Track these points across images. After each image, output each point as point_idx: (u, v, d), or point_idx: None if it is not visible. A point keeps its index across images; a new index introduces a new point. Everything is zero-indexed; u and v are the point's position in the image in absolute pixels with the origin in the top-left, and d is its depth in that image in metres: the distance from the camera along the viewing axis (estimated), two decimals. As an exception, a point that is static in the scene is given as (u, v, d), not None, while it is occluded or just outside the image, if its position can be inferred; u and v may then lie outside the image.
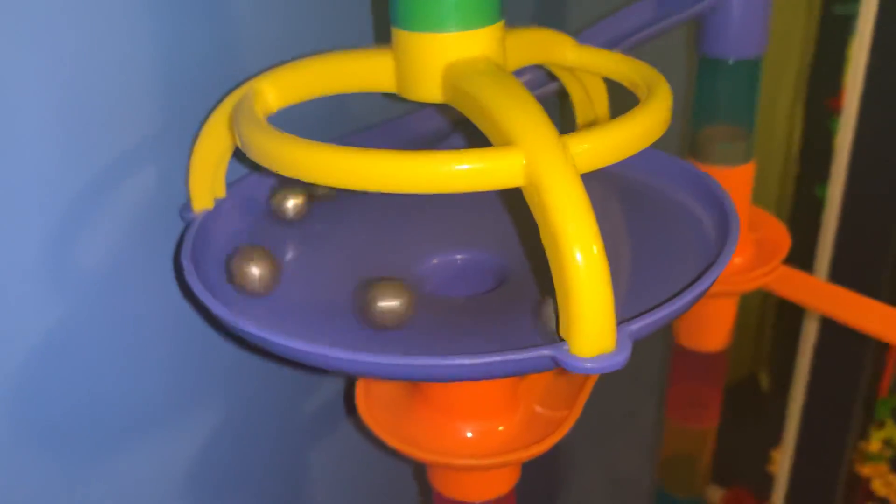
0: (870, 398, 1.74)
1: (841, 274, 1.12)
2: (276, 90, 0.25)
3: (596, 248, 0.20)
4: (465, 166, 0.20)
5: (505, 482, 0.31)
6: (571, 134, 0.21)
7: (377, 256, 0.28)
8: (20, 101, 0.23)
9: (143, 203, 0.28)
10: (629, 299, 0.24)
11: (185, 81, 0.27)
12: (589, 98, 0.32)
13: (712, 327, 0.46)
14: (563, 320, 0.21)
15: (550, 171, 0.20)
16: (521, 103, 0.21)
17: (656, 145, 0.31)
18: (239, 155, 0.27)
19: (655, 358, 0.63)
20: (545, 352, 0.20)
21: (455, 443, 0.28)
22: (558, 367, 0.21)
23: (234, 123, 0.24)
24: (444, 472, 0.30)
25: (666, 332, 0.49)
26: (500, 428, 0.29)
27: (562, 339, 0.21)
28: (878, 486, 1.66)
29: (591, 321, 0.20)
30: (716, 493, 2.21)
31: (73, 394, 0.28)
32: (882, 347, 1.71)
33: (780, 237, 0.45)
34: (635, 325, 0.21)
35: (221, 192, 0.29)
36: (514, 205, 0.31)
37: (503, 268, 0.28)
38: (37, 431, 0.27)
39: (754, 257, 0.45)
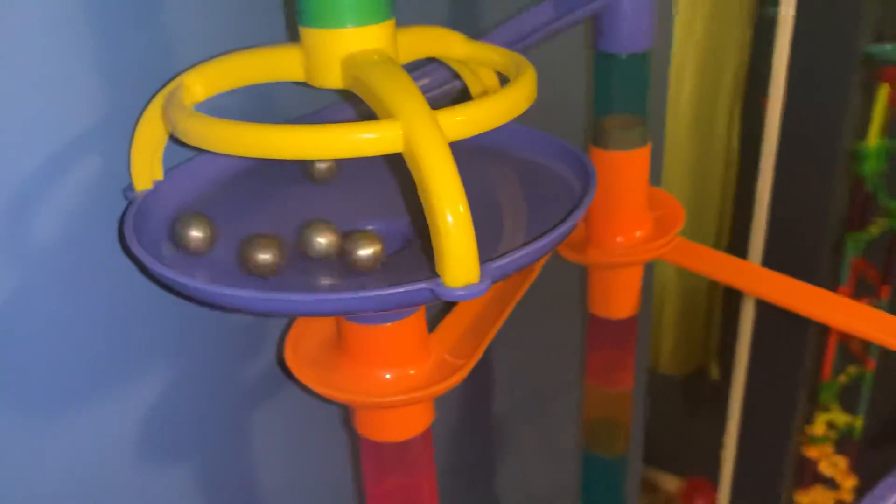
0: (813, 383, 1.82)
1: (772, 259, 1.19)
2: (202, 82, 0.30)
3: (461, 205, 0.24)
4: (357, 135, 0.25)
5: (419, 423, 0.35)
6: (444, 108, 0.26)
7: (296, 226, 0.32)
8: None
9: (91, 185, 0.32)
10: (506, 244, 0.29)
11: (125, 78, 0.31)
12: (485, 88, 0.37)
13: (621, 296, 0.51)
14: (437, 260, 0.25)
15: (423, 138, 0.25)
16: (402, 85, 0.26)
17: (560, 133, 0.36)
18: (177, 141, 0.32)
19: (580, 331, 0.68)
20: (424, 285, 0.25)
21: (373, 384, 0.33)
22: (438, 300, 0.25)
23: (164, 111, 0.28)
24: (365, 414, 0.35)
25: (585, 305, 0.54)
26: (412, 371, 0.33)
27: (438, 276, 0.25)
28: (825, 467, 1.74)
29: (458, 260, 0.24)
30: (674, 483, 2.28)
31: (27, 357, 0.32)
32: (823, 333, 1.79)
33: (676, 213, 0.51)
34: (495, 264, 0.26)
35: (159, 175, 0.33)
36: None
37: (410, 233, 0.32)
38: (14, 373, 0.31)
39: (654, 231, 0.50)
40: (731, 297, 1.56)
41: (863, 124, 1.46)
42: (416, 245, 0.32)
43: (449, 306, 0.39)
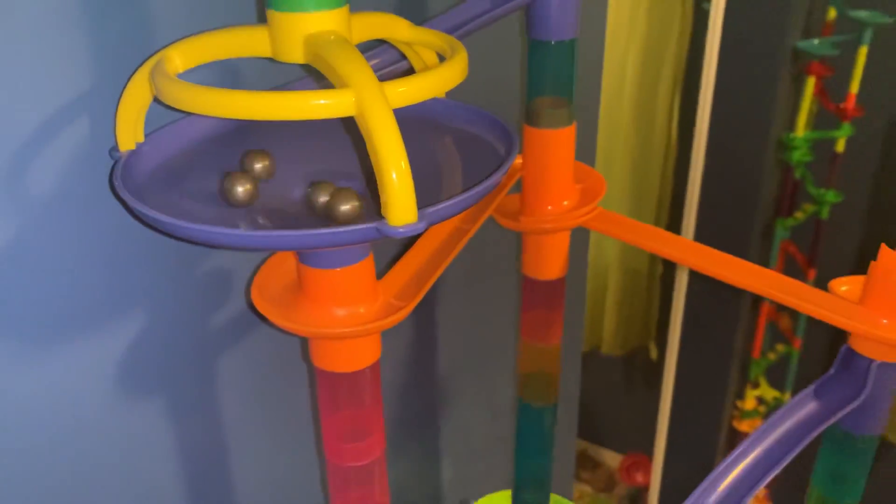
0: (744, 360, 1.92)
1: (704, 242, 1.26)
2: (182, 55, 0.35)
3: (403, 159, 0.30)
4: (317, 100, 0.30)
5: (367, 356, 0.41)
6: (390, 80, 0.31)
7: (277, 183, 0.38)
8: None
9: (82, 146, 0.36)
10: (440, 195, 0.34)
11: (112, 53, 0.36)
12: (426, 67, 0.42)
13: (551, 259, 0.57)
14: (383, 205, 0.31)
15: (371, 104, 0.30)
16: (354, 60, 0.31)
17: (499, 112, 0.42)
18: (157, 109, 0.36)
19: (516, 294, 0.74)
20: (373, 224, 0.30)
21: (328, 320, 0.38)
22: (383, 237, 0.31)
23: (151, 79, 0.33)
24: (321, 347, 0.40)
25: (520, 270, 0.60)
26: (362, 310, 0.39)
27: (383, 218, 0.31)
28: None
29: (400, 204, 0.30)
30: (614, 459, 2.37)
31: (22, 297, 0.36)
32: (754, 314, 1.89)
33: (599, 185, 0.57)
34: (430, 209, 0.31)
35: (141, 138, 0.38)
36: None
37: (362, 189, 0.38)
38: (3, 316, 0.35)
39: (579, 201, 0.56)
40: (670, 282, 1.65)
41: (791, 116, 1.55)
42: (367, 198, 0.37)
43: (396, 261, 0.45)
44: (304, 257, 0.38)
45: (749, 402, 1.86)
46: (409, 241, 0.46)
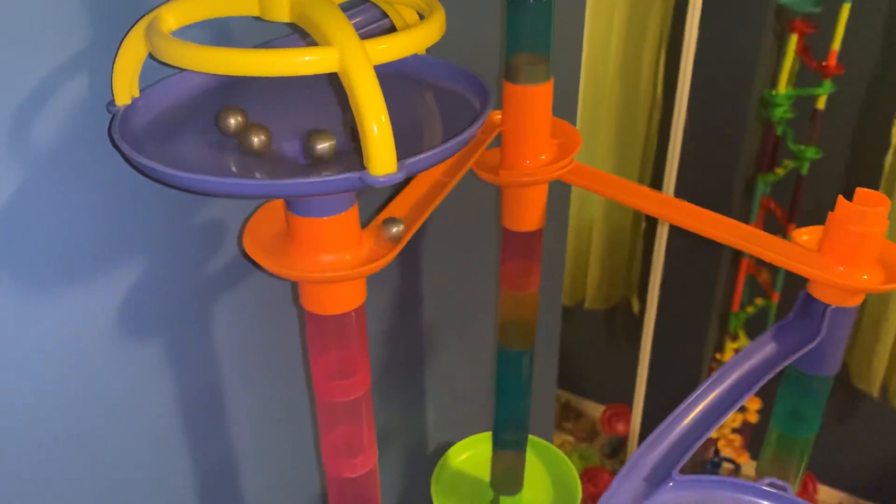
0: (723, 314, 1.97)
1: (685, 198, 1.29)
2: (175, 14, 0.37)
3: (383, 113, 0.32)
4: (302, 57, 0.32)
5: (353, 299, 0.43)
6: (371, 38, 0.33)
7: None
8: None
9: (80, 101, 0.38)
10: (419, 147, 0.37)
11: (109, 12, 0.38)
12: (406, 25, 0.44)
13: (529, 211, 0.60)
14: (364, 156, 0.33)
15: (353, 60, 0.32)
16: (337, 19, 0.33)
17: (479, 69, 0.44)
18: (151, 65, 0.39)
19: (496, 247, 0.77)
20: (355, 174, 0.33)
21: (316, 265, 0.41)
22: (365, 186, 0.33)
23: (146, 36, 0.35)
24: (310, 290, 0.43)
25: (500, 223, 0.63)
26: (347, 256, 0.42)
27: (365, 168, 0.33)
28: None
29: (380, 155, 0.32)
30: (596, 410, 2.43)
31: (29, 239, 0.39)
32: (734, 268, 1.93)
33: (575, 140, 0.59)
34: (409, 160, 0.34)
35: (136, 93, 0.40)
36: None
37: (346, 143, 0.40)
38: (5, 264, 0.38)
39: (556, 155, 0.58)
40: (653, 237, 1.68)
41: (774, 73, 1.57)
42: (350, 152, 0.39)
43: (380, 212, 0.47)
44: (292, 207, 0.40)
45: (728, 355, 1.91)
46: (393, 194, 0.49)
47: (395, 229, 0.43)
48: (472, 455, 0.79)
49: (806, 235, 0.53)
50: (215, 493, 0.55)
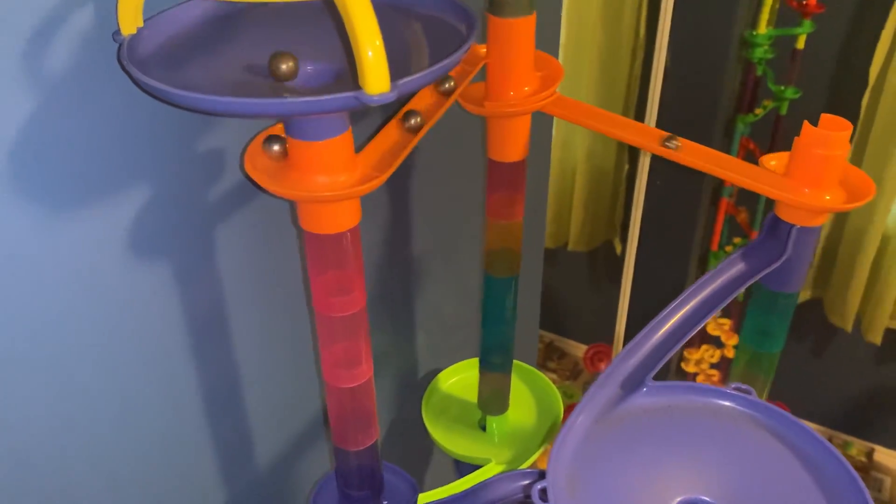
0: (703, 253, 2.01)
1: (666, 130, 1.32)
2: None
3: (377, 39, 0.35)
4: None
5: (349, 219, 0.46)
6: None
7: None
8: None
9: (89, 31, 0.40)
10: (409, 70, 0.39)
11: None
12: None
13: (512, 142, 0.63)
14: (360, 77, 0.36)
15: (349, -13, 0.34)
16: (332, -52, 0.36)
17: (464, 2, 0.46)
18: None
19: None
20: (351, 94, 0.36)
21: (313, 185, 0.44)
22: (360, 104, 0.36)
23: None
24: (308, 210, 0.45)
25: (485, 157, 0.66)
26: (342, 178, 0.44)
27: (361, 88, 0.36)
28: (711, 328, 1.94)
29: (374, 75, 0.35)
30: (579, 349, 2.49)
31: (43, 161, 0.41)
32: (713, 208, 1.96)
33: (557, 72, 0.62)
34: (400, 81, 0.36)
35: (141, 22, 0.42)
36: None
37: (343, 70, 0.42)
38: (23, 188, 0.40)
39: (539, 86, 0.61)
40: (634, 180, 1.71)
41: (754, 13, 1.58)
42: (347, 79, 0.42)
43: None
44: (290, 130, 0.43)
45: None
46: (384, 122, 0.51)
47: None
48: (459, 379, 0.83)
49: (774, 161, 0.57)
50: (224, 405, 0.58)
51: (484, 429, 0.79)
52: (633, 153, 1.84)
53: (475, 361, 0.81)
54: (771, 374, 0.63)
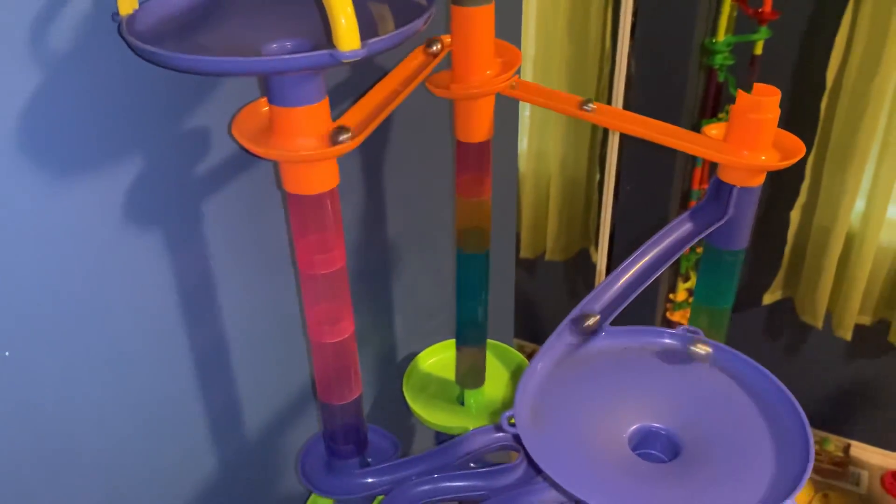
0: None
1: (630, 138, 1.38)
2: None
3: (349, 7, 0.40)
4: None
5: (327, 181, 0.51)
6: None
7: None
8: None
9: (88, 12, 0.45)
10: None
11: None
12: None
13: (478, 122, 0.68)
14: (334, 37, 0.41)
15: (321, -41, 0.40)
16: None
17: None
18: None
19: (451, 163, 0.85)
20: (326, 52, 0.41)
21: (294, 147, 0.48)
22: (334, 61, 0.41)
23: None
24: (289, 171, 0.50)
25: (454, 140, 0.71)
26: (320, 141, 0.49)
27: (335, 47, 0.41)
28: (682, 296, 1.96)
29: (347, 34, 0.40)
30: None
31: (46, 132, 0.46)
32: (683, 208, 2.04)
33: (516, 58, 0.67)
34: (371, 41, 0.41)
35: (136, 4, 0.47)
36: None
37: (322, 40, 0.48)
38: (27, 152, 0.45)
39: (500, 70, 0.66)
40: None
41: (713, 22, 1.66)
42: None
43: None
44: (273, 98, 0.48)
45: (681, 295, 2.02)
46: (361, 93, 0.56)
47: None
48: (438, 360, 0.88)
49: (715, 130, 0.62)
50: (214, 365, 0.62)
51: (462, 404, 0.83)
52: (603, 161, 1.91)
53: (452, 343, 0.86)
54: (723, 328, 0.68)
